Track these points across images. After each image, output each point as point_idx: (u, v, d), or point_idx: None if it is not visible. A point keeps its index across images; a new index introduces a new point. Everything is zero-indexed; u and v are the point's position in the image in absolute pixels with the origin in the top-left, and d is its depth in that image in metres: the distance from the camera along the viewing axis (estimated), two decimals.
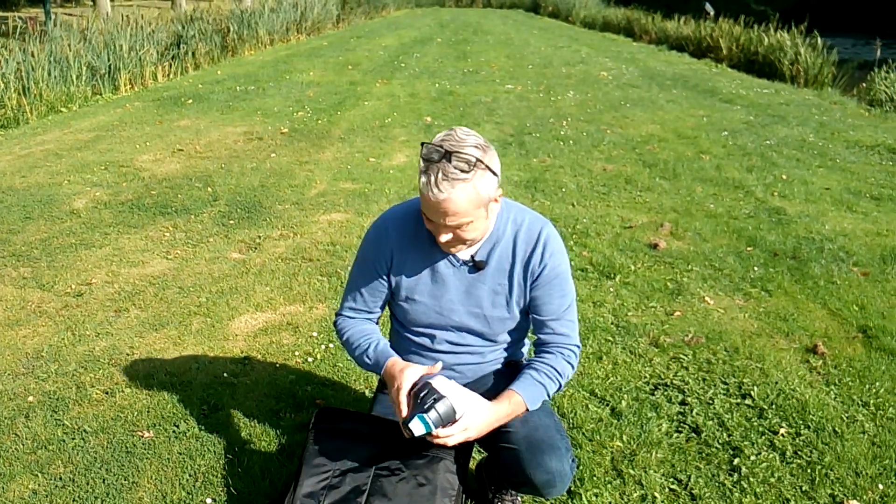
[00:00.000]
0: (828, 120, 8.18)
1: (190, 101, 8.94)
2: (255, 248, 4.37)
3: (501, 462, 1.91)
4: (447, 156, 1.62)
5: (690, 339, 3.25)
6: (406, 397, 1.75)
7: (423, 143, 1.66)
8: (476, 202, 1.67)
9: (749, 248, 4.35)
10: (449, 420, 1.69)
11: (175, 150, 6.69)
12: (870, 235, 4.58)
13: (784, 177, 5.88)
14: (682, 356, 3.10)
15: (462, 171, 1.62)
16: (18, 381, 2.95)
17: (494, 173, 1.69)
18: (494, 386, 1.97)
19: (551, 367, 1.87)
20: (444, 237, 1.74)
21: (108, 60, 9.73)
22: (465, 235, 1.74)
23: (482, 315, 1.90)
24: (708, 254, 4.26)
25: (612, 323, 3.41)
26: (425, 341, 1.98)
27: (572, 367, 1.90)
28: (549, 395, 1.88)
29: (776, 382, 2.92)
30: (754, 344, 3.23)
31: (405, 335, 2.02)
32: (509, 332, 1.96)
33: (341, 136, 7.23)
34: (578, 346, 1.92)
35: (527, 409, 1.84)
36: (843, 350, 3.20)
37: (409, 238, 1.89)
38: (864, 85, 10.30)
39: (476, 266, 1.86)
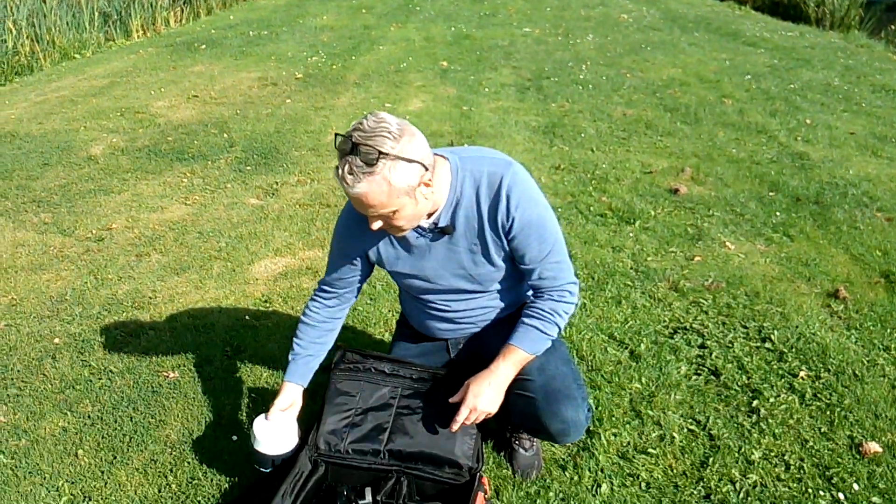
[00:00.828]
0: (854, 63, 7.97)
1: (203, 46, 8.84)
2: (273, 194, 4.37)
3: (518, 409, 1.92)
4: (354, 148, 1.52)
5: (710, 283, 3.24)
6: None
7: (336, 134, 1.58)
8: (392, 193, 1.57)
9: (771, 193, 4.29)
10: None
11: (190, 96, 6.64)
12: (895, 181, 4.49)
13: (808, 121, 5.76)
14: (701, 300, 3.09)
15: (368, 163, 1.52)
16: (44, 324, 3.00)
17: (412, 160, 1.57)
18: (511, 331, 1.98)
19: (541, 310, 1.84)
20: (375, 225, 1.68)
21: (120, 6, 9.61)
22: (397, 223, 1.66)
23: (468, 274, 1.86)
24: (729, 199, 4.21)
25: (631, 268, 3.40)
26: (427, 301, 1.98)
27: (568, 304, 1.85)
28: (549, 335, 1.85)
29: (796, 326, 2.91)
30: (775, 289, 3.21)
31: (411, 298, 2.05)
32: (503, 280, 1.92)
33: (356, 82, 7.14)
34: (573, 282, 1.86)
35: (532, 356, 1.85)
36: (865, 295, 3.17)
37: None
38: (893, 27, 9.98)
39: (442, 231, 1.78)
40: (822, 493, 2.07)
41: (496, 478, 2.11)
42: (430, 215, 1.77)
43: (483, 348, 2.00)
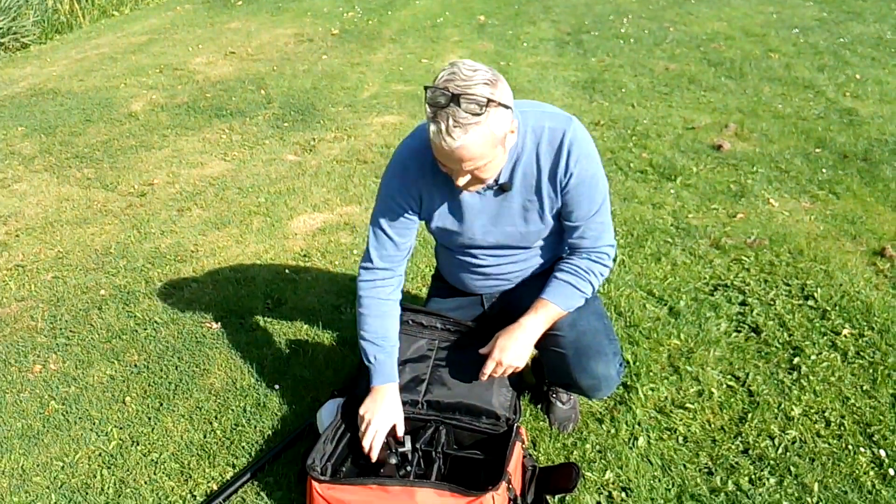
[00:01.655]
0: None
1: (239, 2, 8.82)
2: (310, 150, 4.38)
3: (550, 364, 1.93)
4: (455, 99, 1.45)
5: (753, 241, 3.18)
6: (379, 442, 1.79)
7: (426, 87, 1.50)
8: (492, 143, 1.53)
9: (818, 150, 4.17)
10: None
11: (227, 52, 6.66)
12: None
13: (857, 76, 5.55)
14: (743, 258, 3.04)
15: (474, 114, 1.45)
16: (90, 276, 3.08)
17: (507, 107, 1.53)
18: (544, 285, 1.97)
19: (577, 267, 1.82)
20: (462, 180, 1.61)
21: None
22: (484, 175, 1.60)
23: (517, 232, 1.84)
24: (774, 155, 4.10)
25: (671, 225, 3.35)
26: (468, 259, 1.96)
27: (605, 266, 1.84)
28: (582, 293, 1.83)
29: (840, 284, 2.85)
30: (819, 246, 3.14)
31: (449, 254, 2.02)
32: (547, 237, 1.90)
33: (392, 37, 7.08)
34: (612, 245, 1.85)
35: (564, 311, 1.83)
36: None
37: (429, 171, 1.75)
38: None
39: (501, 188, 1.75)
40: (862, 449, 2.05)
41: (533, 430, 2.13)
42: None
43: (516, 302, 2.00)
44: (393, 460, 1.79)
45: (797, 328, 2.59)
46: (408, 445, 1.83)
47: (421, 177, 1.77)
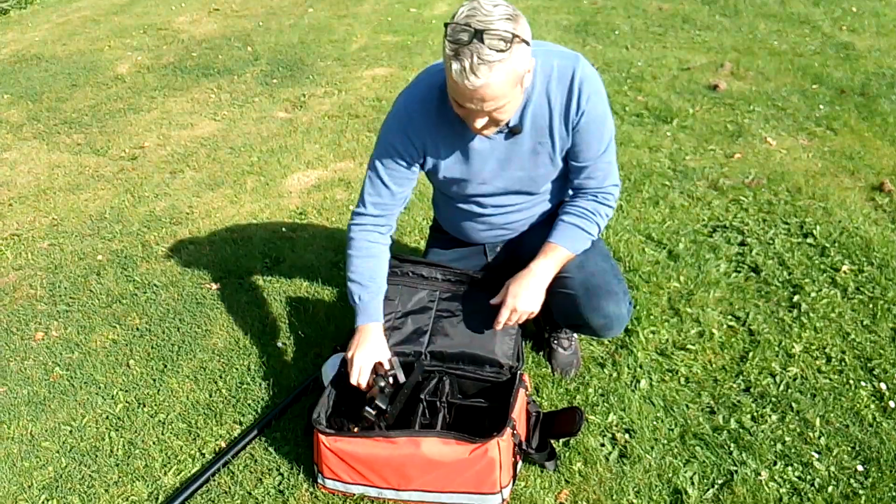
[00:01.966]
0: None
1: None
2: (301, 107, 4.32)
3: (559, 306, 1.92)
4: (478, 35, 1.39)
5: (751, 180, 3.16)
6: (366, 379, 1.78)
7: (445, 24, 1.43)
8: (514, 81, 1.48)
9: (814, 86, 4.12)
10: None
11: (211, 9, 6.52)
12: None
13: (854, 9, 5.46)
14: (741, 198, 3.03)
15: (499, 50, 1.40)
16: (86, 242, 3.06)
17: (528, 43, 1.48)
18: (546, 232, 1.96)
19: (583, 208, 1.82)
20: (480, 122, 1.56)
21: None
22: (501, 117, 1.56)
23: (526, 177, 1.81)
24: (771, 93, 4.05)
25: (668, 167, 3.33)
26: (472, 208, 1.94)
27: (609, 207, 1.84)
28: (590, 235, 1.83)
29: (839, 221, 2.84)
30: (818, 183, 3.12)
31: (452, 204, 1.99)
32: (553, 181, 1.88)
33: None
34: (616, 185, 1.84)
35: (573, 254, 1.82)
36: None
37: (434, 120, 1.72)
38: None
39: (512, 132, 1.71)
40: (863, 383, 2.07)
41: (535, 376, 2.14)
42: None
43: (520, 250, 1.99)
44: (381, 383, 1.76)
45: (797, 266, 2.59)
46: (401, 377, 1.81)
47: (425, 127, 1.73)
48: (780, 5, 5.65)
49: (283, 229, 3.04)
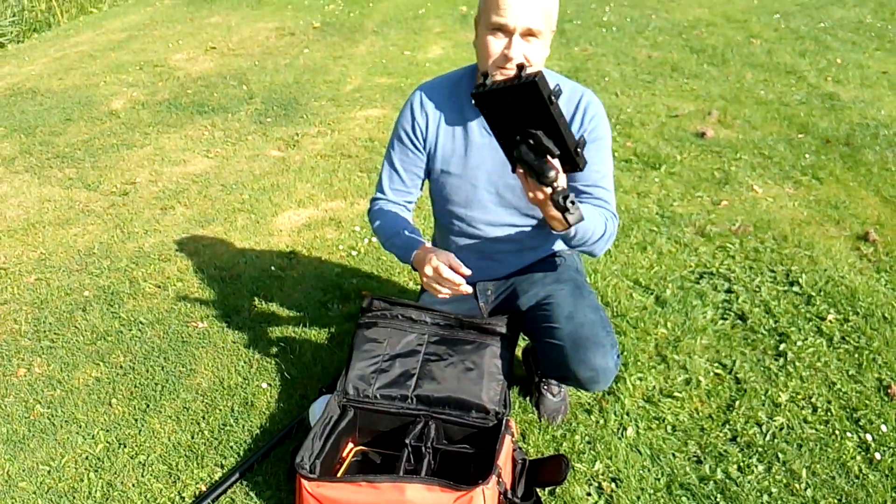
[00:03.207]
0: (887, 0, 7.69)
1: None
2: (294, 146, 4.36)
3: (546, 357, 1.92)
4: None
5: (738, 227, 3.19)
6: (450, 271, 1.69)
7: None
8: (551, 21, 1.67)
9: (800, 136, 4.20)
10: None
11: (208, 48, 6.60)
12: None
13: (838, 61, 5.59)
14: (728, 245, 3.06)
15: None
16: (73, 277, 3.05)
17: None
18: (537, 280, 1.97)
19: (595, 205, 1.80)
20: (516, 44, 1.63)
21: None
22: (531, 55, 1.64)
23: (520, 187, 1.82)
24: (757, 142, 4.12)
25: (656, 213, 3.36)
26: (463, 226, 1.96)
27: (615, 224, 1.82)
28: (604, 226, 1.76)
29: (825, 270, 2.87)
30: (803, 232, 3.16)
31: (445, 222, 2.01)
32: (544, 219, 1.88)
33: (374, 29, 7.04)
34: (615, 216, 1.84)
35: (583, 220, 1.62)
36: None
37: (443, 107, 1.86)
38: None
39: None
40: (849, 434, 2.07)
41: (522, 422, 2.13)
42: None
43: (511, 298, 2.00)
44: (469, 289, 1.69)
45: (783, 314, 2.61)
46: (466, 271, 1.69)
47: (432, 109, 1.87)
48: (767, 55, 5.77)
49: (273, 268, 3.04)
